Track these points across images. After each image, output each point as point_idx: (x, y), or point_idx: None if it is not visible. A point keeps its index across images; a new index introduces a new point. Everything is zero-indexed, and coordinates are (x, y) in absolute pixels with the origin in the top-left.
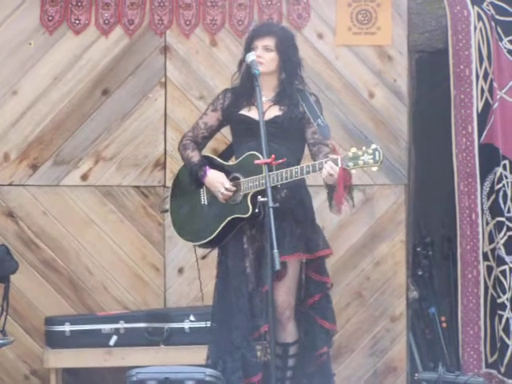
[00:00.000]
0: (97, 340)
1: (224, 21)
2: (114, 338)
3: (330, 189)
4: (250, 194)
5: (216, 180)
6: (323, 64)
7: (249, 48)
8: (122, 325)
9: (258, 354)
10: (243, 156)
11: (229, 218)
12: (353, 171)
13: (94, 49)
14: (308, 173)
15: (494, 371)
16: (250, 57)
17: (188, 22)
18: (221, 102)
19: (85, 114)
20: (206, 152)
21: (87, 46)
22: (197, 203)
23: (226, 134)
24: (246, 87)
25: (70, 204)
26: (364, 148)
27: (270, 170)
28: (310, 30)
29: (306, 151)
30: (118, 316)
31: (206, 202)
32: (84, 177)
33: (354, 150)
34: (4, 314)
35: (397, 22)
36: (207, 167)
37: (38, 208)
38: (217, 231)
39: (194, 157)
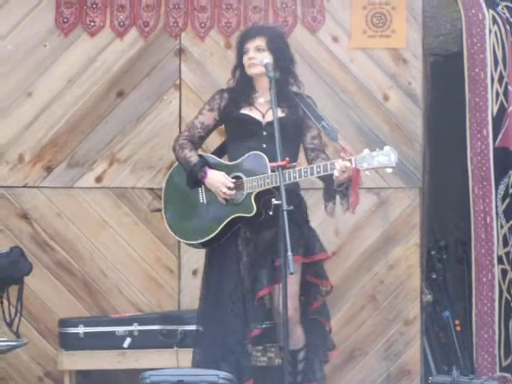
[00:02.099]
0: (111, 342)
1: (239, 23)
2: (128, 340)
3: (335, 189)
4: (254, 194)
5: (217, 180)
6: (338, 67)
7: (241, 52)
8: (135, 327)
9: (257, 357)
10: (246, 155)
11: (231, 217)
12: (367, 172)
13: (108, 51)
14: (318, 173)
15: (508, 375)
16: (264, 60)
17: (203, 25)
18: (217, 101)
19: (99, 116)
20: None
21: (102, 48)
22: (194, 202)
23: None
24: (243, 88)
25: (85, 206)
26: (377, 149)
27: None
28: (324, 33)
29: None
30: (132, 318)
31: (204, 201)
32: (98, 179)
33: (367, 151)
34: (18, 315)
35: (412, 25)
36: (207, 168)
37: (52, 210)
38: (217, 230)
39: (192, 157)
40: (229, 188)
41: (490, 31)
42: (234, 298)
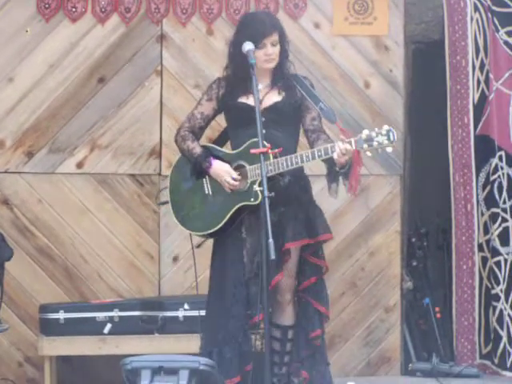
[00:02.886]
0: (91, 328)
1: (221, 10)
2: (109, 325)
3: (338, 170)
4: (258, 181)
5: (222, 170)
6: (319, 54)
7: (257, 45)
8: (116, 313)
9: (257, 342)
10: (246, 144)
11: (237, 206)
12: (367, 153)
13: (90, 37)
14: (320, 157)
15: (487, 362)
16: (247, 46)
17: (184, 11)
18: (215, 91)
19: (81, 101)
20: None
21: (83, 33)
22: (200, 193)
23: (220, 121)
24: (240, 75)
25: (66, 192)
26: (376, 129)
27: (267, 158)
28: (306, 20)
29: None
30: (113, 304)
31: (209, 192)
32: (79, 165)
33: (366, 131)
34: None
35: (393, 12)
36: (211, 158)
37: (33, 195)
38: (225, 219)
39: (196, 148)
40: (233, 178)
41: (472, 19)
42: (236, 283)
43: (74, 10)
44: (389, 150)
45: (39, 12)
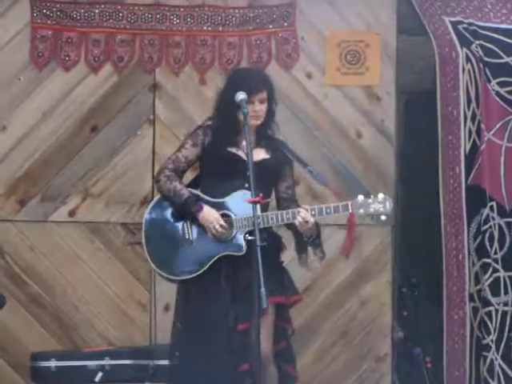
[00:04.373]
0: (82, 376)
1: (213, 59)
2: (100, 374)
3: (307, 239)
4: (244, 233)
5: (212, 216)
6: (311, 103)
7: (246, 100)
8: (107, 361)
9: None
10: (235, 193)
11: (221, 254)
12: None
13: (83, 85)
14: (313, 216)
15: None
16: (240, 95)
17: (177, 61)
18: (201, 138)
19: (73, 150)
20: None
21: (76, 82)
22: (179, 238)
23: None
24: (227, 128)
25: (58, 240)
26: (372, 196)
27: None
28: (298, 70)
29: None
30: (104, 352)
31: (191, 237)
32: (71, 213)
33: (361, 197)
34: None
35: (385, 63)
36: (202, 202)
37: (25, 243)
38: (206, 266)
39: (183, 190)
40: (221, 226)
41: (464, 69)
42: (218, 334)
43: (67, 58)
44: (383, 218)
45: (32, 60)
